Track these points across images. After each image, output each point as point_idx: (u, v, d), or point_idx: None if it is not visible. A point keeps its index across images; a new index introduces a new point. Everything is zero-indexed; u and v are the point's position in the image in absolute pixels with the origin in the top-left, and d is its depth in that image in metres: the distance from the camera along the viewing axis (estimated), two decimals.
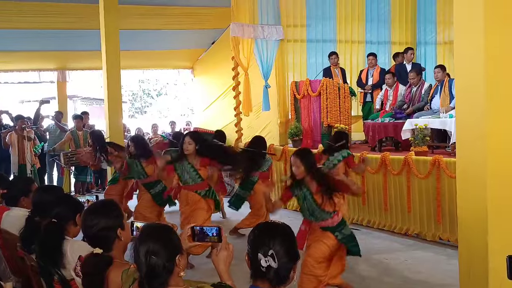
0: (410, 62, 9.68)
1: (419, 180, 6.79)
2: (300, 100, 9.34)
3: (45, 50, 12.27)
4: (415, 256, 6.23)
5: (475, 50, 3.68)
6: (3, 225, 4.02)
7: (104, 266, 2.67)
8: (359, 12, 11.15)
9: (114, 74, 9.69)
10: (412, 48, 10.01)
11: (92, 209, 2.91)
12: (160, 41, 12.77)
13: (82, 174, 10.99)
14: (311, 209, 4.53)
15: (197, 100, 15.02)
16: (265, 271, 2.18)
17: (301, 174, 4.47)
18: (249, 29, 9.99)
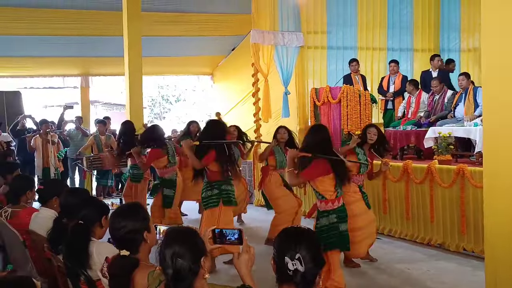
0: (437, 70, 9.53)
1: (443, 189, 6.68)
2: (320, 107, 9.31)
3: (70, 56, 12.50)
4: (438, 266, 6.13)
5: (504, 57, 3.64)
6: (31, 226, 4.08)
7: (130, 268, 2.70)
8: (380, 19, 11.09)
9: (136, 80, 9.79)
10: (438, 55, 9.85)
11: (119, 212, 2.96)
12: (181, 47, 12.90)
13: (104, 178, 11.13)
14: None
15: (216, 106, 15.07)
16: (292, 274, 2.19)
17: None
18: (269, 36, 10.02)
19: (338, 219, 4.84)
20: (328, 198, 4.80)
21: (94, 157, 10.57)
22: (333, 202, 4.82)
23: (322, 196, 4.82)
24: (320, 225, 4.85)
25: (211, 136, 5.65)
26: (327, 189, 4.80)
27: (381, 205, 7.57)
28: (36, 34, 11.02)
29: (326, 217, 4.84)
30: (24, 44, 11.43)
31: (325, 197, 4.81)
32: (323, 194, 4.82)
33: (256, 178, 10.30)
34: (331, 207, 4.83)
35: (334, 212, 4.83)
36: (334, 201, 4.82)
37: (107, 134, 11.29)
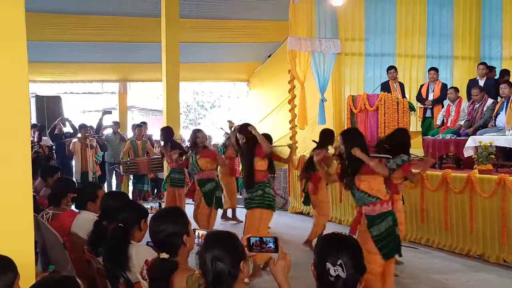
0: (484, 78, 9.30)
1: (483, 199, 6.53)
2: (356, 114, 9.23)
3: (109, 62, 12.74)
4: (478, 278, 5.99)
5: None
6: (73, 228, 4.17)
7: (170, 271, 2.73)
8: (420, 25, 10.96)
9: (173, 86, 9.93)
10: (483, 63, 9.58)
11: (159, 216, 2.99)
12: (217, 54, 13.02)
13: (140, 182, 11.29)
14: (353, 190, 4.57)
15: (252, 112, 15.13)
16: (334, 280, 2.17)
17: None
18: (306, 43, 10.01)
19: (393, 222, 4.53)
20: (383, 199, 4.49)
21: (131, 161, 10.74)
22: (387, 202, 4.51)
23: (376, 197, 4.48)
24: (379, 231, 4.46)
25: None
26: (381, 188, 4.51)
27: (418, 214, 7.44)
28: (77, 40, 11.30)
29: (385, 220, 4.48)
30: (65, 50, 11.74)
31: (379, 198, 4.47)
32: (377, 195, 4.48)
33: (291, 184, 10.27)
34: (387, 208, 4.50)
35: (390, 214, 4.52)
36: (388, 201, 4.51)
37: (144, 139, 11.46)
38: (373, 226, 4.49)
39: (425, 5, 11.00)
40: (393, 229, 4.51)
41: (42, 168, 6.36)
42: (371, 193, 4.50)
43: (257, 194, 5.88)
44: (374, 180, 4.51)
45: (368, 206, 4.53)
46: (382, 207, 4.49)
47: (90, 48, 11.76)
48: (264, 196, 5.87)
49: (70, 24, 10.69)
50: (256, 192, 5.88)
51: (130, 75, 13.96)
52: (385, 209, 4.50)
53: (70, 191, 4.69)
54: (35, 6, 9.73)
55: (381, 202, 4.49)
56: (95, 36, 11.26)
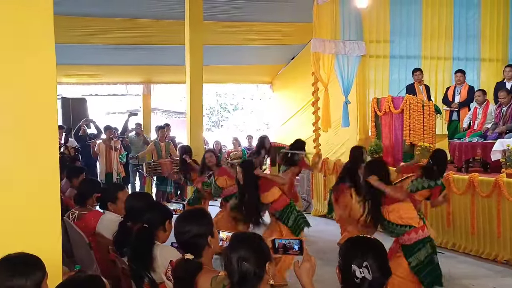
0: (511, 81, 9.14)
1: (510, 203, 6.43)
2: (381, 117, 9.16)
3: (133, 64, 12.85)
4: (505, 283, 5.90)
5: None
6: (98, 228, 4.22)
7: (194, 272, 2.74)
8: (446, 27, 10.80)
9: (197, 88, 9.97)
10: (510, 65, 9.43)
11: (184, 217, 3.00)
12: (240, 56, 13.05)
13: (163, 184, 11.36)
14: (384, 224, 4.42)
15: (275, 114, 15.13)
16: (360, 282, 2.15)
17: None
18: (330, 45, 9.95)
19: (432, 249, 4.37)
20: (417, 226, 4.33)
21: (154, 163, 10.82)
22: (422, 229, 4.35)
23: (410, 225, 4.33)
24: (418, 261, 4.31)
25: None
26: (412, 215, 4.37)
27: (444, 218, 7.35)
28: (101, 43, 11.41)
29: (424, 248, 4.32)
30: (90, 52, 11.85)
31: (413, 226, 4.32)
32: (410, 223, 4.33)
33: (314, 187, 10.23)
34: (422, 235, 4.33)
35: (428, 240, 4.35)
36: (423, 227, 4.35)
37: (167, 141, 11.54)
38: (411, 256, 4.33)
39: (452, 7, 10.84)
40: (433, 257, 4.36)
41: (68, 169, 6.44)
42: (402, 223, 4.35)
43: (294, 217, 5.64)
44: (403, 208, 4.37)
45: (403, 236, 4.38)
46: (417, 234, 4.35)
47: (114, 50, 11.87)
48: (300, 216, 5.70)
49: (95, 26, 10.79)
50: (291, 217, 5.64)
51: (154, 77, 14.07)
52: (421, 236, 4.35)
53: (95, 191, 4.75)
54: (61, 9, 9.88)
55: (416, 230, 4.35)
56: (120, 39, 11.35)
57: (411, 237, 4.35)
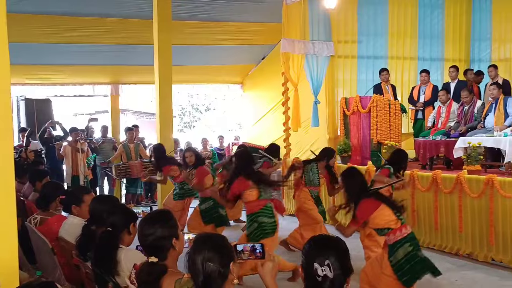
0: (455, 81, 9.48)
1: (472, 199, 6.62)
2: (349, 116, 9.28)
3: (100, 64, 12.66)
4: (467, 276, 6.06)
5: None
6: (61, 233, 4.16)
7: (158, 275, 2.72)
8: (411, 28, 11.02)
9: (166, 89, 9.86)
10: (453, 66, 9.78)
11: (148, 219, 2.97)
12: (211, 56, 13.00)
13: (133, 186, 11.24)
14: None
15: (246, 115, 15.15)
16: (321, 280, 2.20)
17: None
18: (299, 45, 10.03)
19: (413, 246, 4.47)
20: (395, 227, 4.44)
21: (123, 165, 10.70)
22: (400, 230, 4.45)
23: (387, 228, 4.45)
24: (396, 260, 4.44)
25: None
26: (388, 219, 4.46)
27: (409, 215, 7.49)
28: (66, 42, 11.17)
29: (401, 248, 4.44)
30: (55, 52, 11.61)
31: (390, 228, 4.44)
32: (387, 226, 4.45)
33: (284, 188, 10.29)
34: (400, 236, 4.45)
35: (406, 240, 4.46)
36: (401, 228, 4.45)
37: (136, 142, 11.43)
38: (392, 255, 4.48)
39: (417, 7, 11.06)
40: (414, 253, 4.46)
41: (30, 173, 6.33)
42: (381, 227, 4.50)
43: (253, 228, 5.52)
44: (378, 216, 4.47)
45: (386, 237, 4.55)
46: (395, 235, 4.46)
47: (80, 50, 11.63)
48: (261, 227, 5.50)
49: (60, 26, 10.54)
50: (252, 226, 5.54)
51: (122, 77, 13.86)
52: (399, 236, 4.46)
53: (58, 194, 4.67)
54: (25, 8, 9.70)
55: (394, 231, 4.46)
56: (86, 38, 11.13)
57: (391, 238, 4.49)
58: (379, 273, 4.57)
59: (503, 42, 10.89)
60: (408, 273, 4.42)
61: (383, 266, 4.53)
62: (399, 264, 4.42)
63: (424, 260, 4.51)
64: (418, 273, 4.46)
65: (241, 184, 5.46)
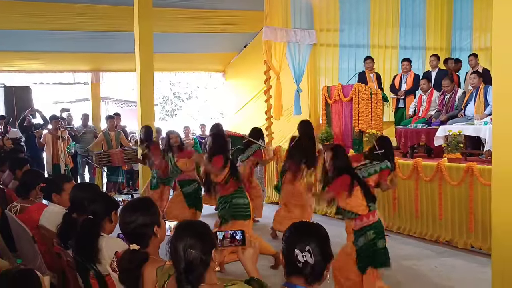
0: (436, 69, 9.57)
1: (452, 187, 6.70)
2: (331, 105, 9.30)
3: (80, 51, 12.48)
4: (446, 263, 6.16)
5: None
6: (41, 221, 4.12)
7: (140, 262, 2.72)
8: (393, 17, 11.06)
9: (147, 77, 9.78)
10: (434, 55, 9.84)
11: (130, 206, 2.96)
12: (192, 44, 12.89)
13: (114, 174, 11.18)
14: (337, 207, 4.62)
15: (228, 103, 15.10)
16: (302, 266, 2.21)
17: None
18: (281, 33, 10.00)
19: (376, 234, 4.56)
20: (362, 214, 4.53)
21: (104, 153, 10.62)
22: (367, 217, 4.54)
23: (355, 213, 4.55)
24: (358, 246, 4.56)
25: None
26: (359, 203, 4.53)
27: (390, 203, 7.58)
28: (46, 29, 10.97)
29: (364, 235, 4.55)
30: (34, 39, 11.40)
31: (358, 214, 4.53)
32: (355, 211, 4.54)
33: (266, 175, 10.32)
34: (367, 223, 4.54)
35: (371, 228, 4.55)
36: (368, 215, 4.54)
37: (117, 131, 11.34)
38: (356, 241, 4.58)
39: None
40: (374, 242, 4.55)
41: (10, 161, 6.26)
42: (348, 209, 4.56)
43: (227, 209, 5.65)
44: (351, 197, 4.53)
45: (351, 221, 4.61)
46: (362, 221, 4.55)
47: (60, 37, 11.43)
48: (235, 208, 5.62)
49: (39, 12, 10.34)
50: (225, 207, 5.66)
51: (103, 65, 13.68)
52: (366, 223, 4.55)
53: (38, 182, 4.62)
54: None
55: (361, 217, 4.54)
56: (66, 25, 10.93)
57: (357, 224, 4.57)
58: (347, 258, 4.66)
59: (483, 31, 11.00)
60: (363, 261, 4.54)
61: (349, 251, 4.65)
62: (361, 250, 4.55)
63: (383, 251, 4.60)
64: (372, 263, 4.57)
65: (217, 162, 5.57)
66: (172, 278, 2.41)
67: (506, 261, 3.66)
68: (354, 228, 4.60)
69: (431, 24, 11.32)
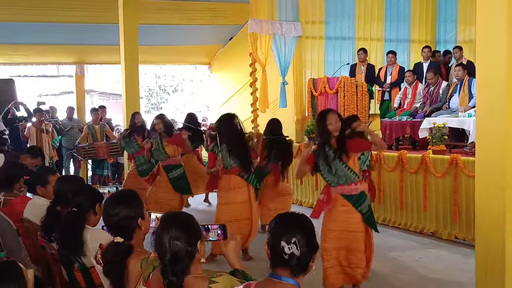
0: (428, 61, 9.61)
1: (436, 179, 6.77)
2: (317, 97, 9.32)
3: (64, 43, 12.34)
4: (430, 254, 6.23)
5: (497, 48, 3.66)
6: (25, 214, 4.09)
7: (124, 255, 2.70)
8: (378, 10, 11.07)
9: (132, 69, 9.71)
10: (427, 47, 9.89)
11: (113, 199, 2.93)
12: (178, 36, 12.81)
13: (99, 167, 11.11)
14: (334, 168, 4.52)
15: (214, 96, 15.05)
16: (288, 258, 2.20)
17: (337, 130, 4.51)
18: (267, 25, 9.97)
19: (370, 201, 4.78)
20: (360, 178, 4.68)
21: (89, 146, 10.55)
22: (361, 182, 4.70)
23: (359, 176, 4.66)
24: (366, 209, 4.65)
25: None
26: (358, 168, 4.69)
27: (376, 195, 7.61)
28: (30, 21, 10.83)
29: (367, 198, 4.69)
30: (18, 31, 11.26)
31: (359, 177, 4.66)
32: (359, 175, 4.67)
33: None
34: (364, 188, 4.72)
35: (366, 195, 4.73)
36: (361, 181, 4.70)
37: (102, 123, 11.26)
38: (361, 205, 4.61)
39: None
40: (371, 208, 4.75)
41: None
42: (355, 171, 4.59)
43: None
44: (355, 158, 4.62)
45: (350, 185, 4.59)
46: (362, 185, 4.67)
47: (44, 29, 11.27)
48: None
49: (22, 3, 10.20)
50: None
51: (87, 57, 13.55)
52: (364, 188, 4.70)
53: (22, 175, 4.58)
54: None
55: (360, 181, 4.67)
56: (50, 17, 10.79)
57: (358, 188, 4.60)
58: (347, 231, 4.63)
59: (468, 24, 11.06)
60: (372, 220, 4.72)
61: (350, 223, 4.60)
62: (370, 213, 4.67)
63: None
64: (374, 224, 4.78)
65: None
66: (157, 270, 2.41)
67: (489, 252, 3.70)
68: (354, 193, 4.60)
69: (416, 16, 11.36)
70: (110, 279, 2.71)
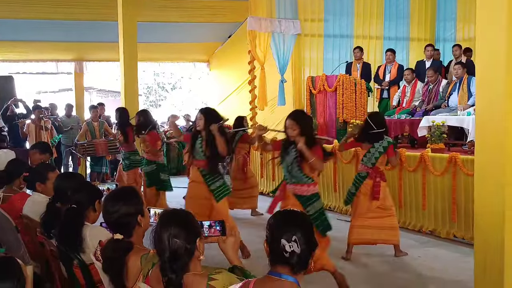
0: (431, 59, 9.57)
1: (435, 177, 6.76)
2: (316, 95, 9.33)
3: (63, 41, 12.33)
4: (429, 253, 6.21)
5: (497, 46, 3.65)
6: (25, 210, 4.09)
7: (124, 251, 2.70)
8: (377, 8, 11.09)
9: (131, 67, 9.70)
10: (430, 45, 9.85)
11: (113, 196, 2.93)
12: (177, 33, 12.79)
13: (98, 164, 11.13)
14: (291, 167, 4.70)
15: (212, 93, 15.05)
16: (289, 256, 2.20)
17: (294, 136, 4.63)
18: (266, 23, 9.99)
19: (322, 203, 4.88)
20: (315, 181, 4.78)
21: (88, 143, 10.55)
22: (315, 185, 4.78)
23: (312, 179, 4.75)
24: (314, 210, 4.74)
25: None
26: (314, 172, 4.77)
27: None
28: (29, 18, 10.83)
29: (318, 200, 4.79)
30: (17, 28, 11.27)
31: (313, 180, 4.75)
32: (312, 177, 4.75)
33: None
34: (317, 190, 4.80)
35: (319, 196, 4.84)
36: (316, 184, 4.80)
37: (101, 121, 11.25)
38: (309, 206, 4.73)
39: None
40: (323, 209, 4.85)
41: None
42: (307, 174, 4.71)
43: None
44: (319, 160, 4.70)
45: (302, 186, 4.75)
46: (315, 188, 4.77)
47: (44, 26, 11.26)
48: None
49: (20, 1, 10.22)
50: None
51: (86, 54, 13.55)
52: (316, 190, 4.80)
53: (22, 171, 4.57)
54: None
55: (314, 184, 4.76)
56: (49, 14, 10.80)
57: (310, 190, 4.74)
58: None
59: (467, 22, 11.08)
60: (323, 224, 4.76)
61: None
62: (317, 214, 4.73)
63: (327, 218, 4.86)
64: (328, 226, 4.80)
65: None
66: (156, 267, 2.41)
67: (488, 250, 3.69)
68: (306, 193, 4.74)
69: (415, 15, 11.38)
70: (109, 276, 2.71)
